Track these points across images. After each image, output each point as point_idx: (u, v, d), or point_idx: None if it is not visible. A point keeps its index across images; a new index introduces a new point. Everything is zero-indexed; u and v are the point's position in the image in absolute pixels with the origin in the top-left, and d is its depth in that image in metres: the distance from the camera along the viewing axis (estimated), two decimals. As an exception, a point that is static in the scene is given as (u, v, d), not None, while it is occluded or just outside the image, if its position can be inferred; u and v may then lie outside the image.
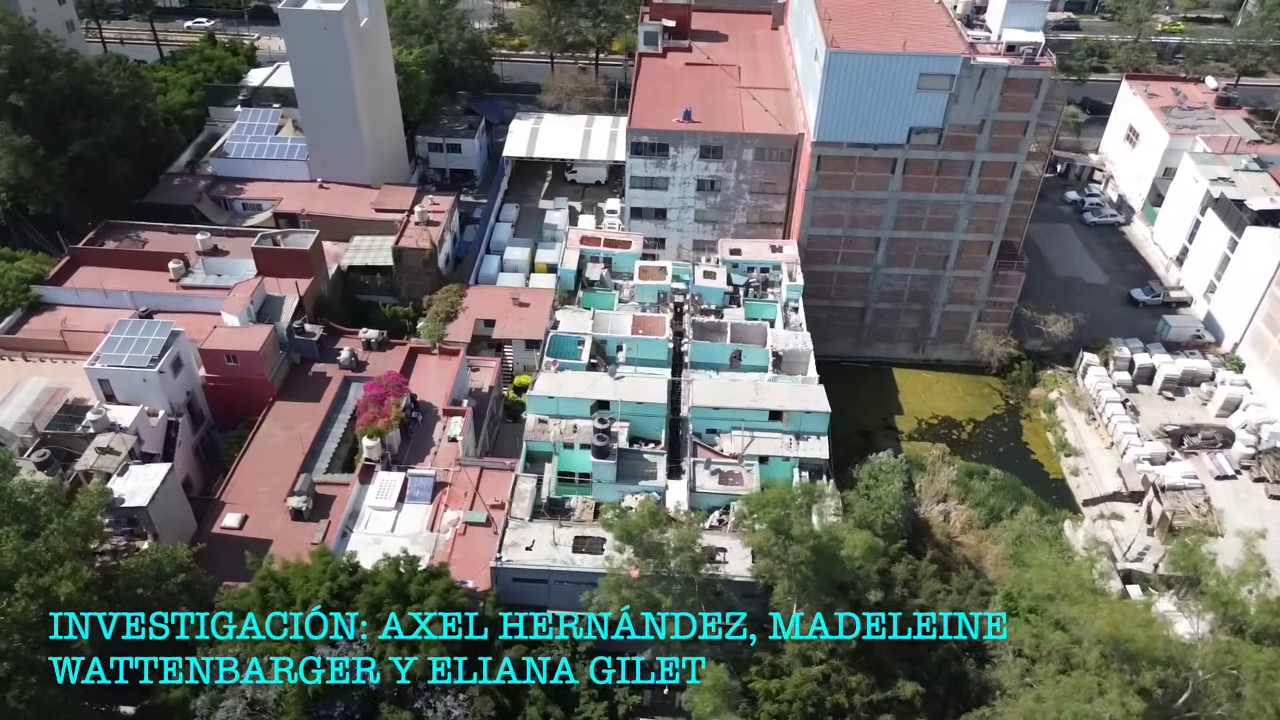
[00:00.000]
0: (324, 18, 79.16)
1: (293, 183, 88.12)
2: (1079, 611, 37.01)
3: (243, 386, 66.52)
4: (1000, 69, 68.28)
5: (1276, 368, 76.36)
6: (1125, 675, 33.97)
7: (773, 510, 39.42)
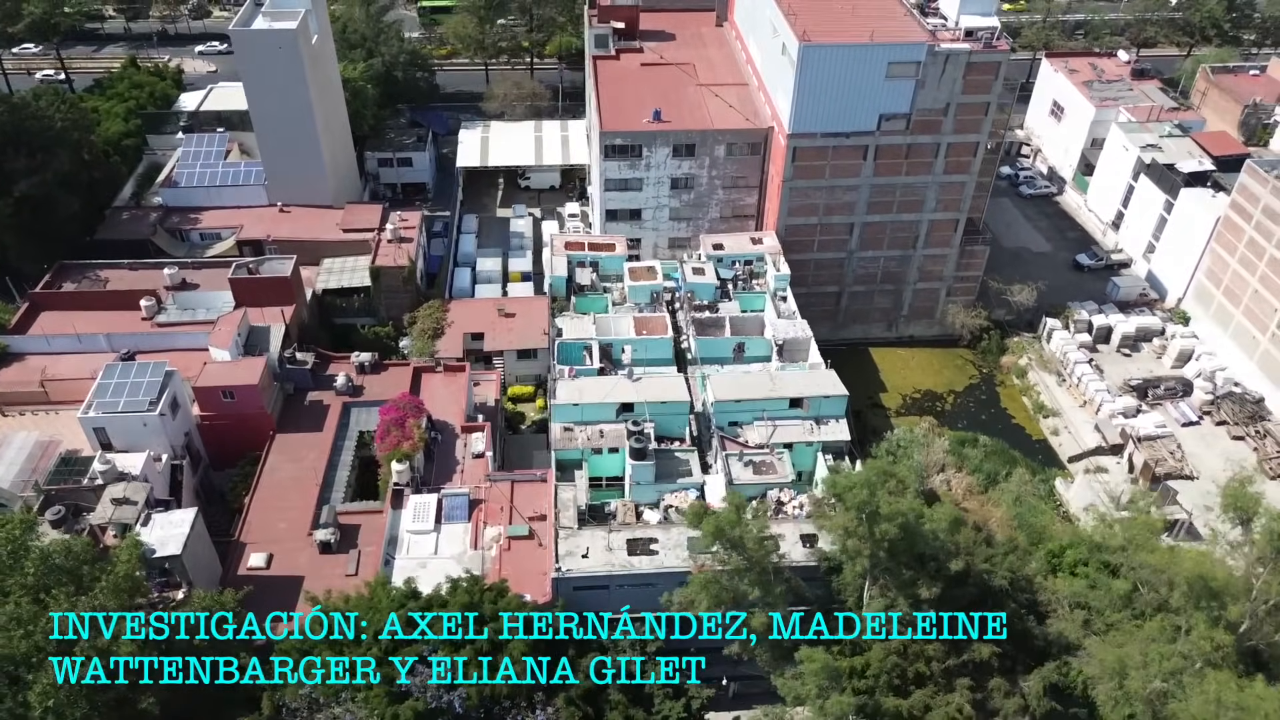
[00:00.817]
0: (278, 37, 76.98)
1: (251, 209, 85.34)
2: (1158, 558, 39.70)
3: (241, 422, 64.41)
4: (963, 54, 71.47)
5: (1222, 318, 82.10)
6: (1212, 611, 36.77)
7: (860, 492, 40.88)
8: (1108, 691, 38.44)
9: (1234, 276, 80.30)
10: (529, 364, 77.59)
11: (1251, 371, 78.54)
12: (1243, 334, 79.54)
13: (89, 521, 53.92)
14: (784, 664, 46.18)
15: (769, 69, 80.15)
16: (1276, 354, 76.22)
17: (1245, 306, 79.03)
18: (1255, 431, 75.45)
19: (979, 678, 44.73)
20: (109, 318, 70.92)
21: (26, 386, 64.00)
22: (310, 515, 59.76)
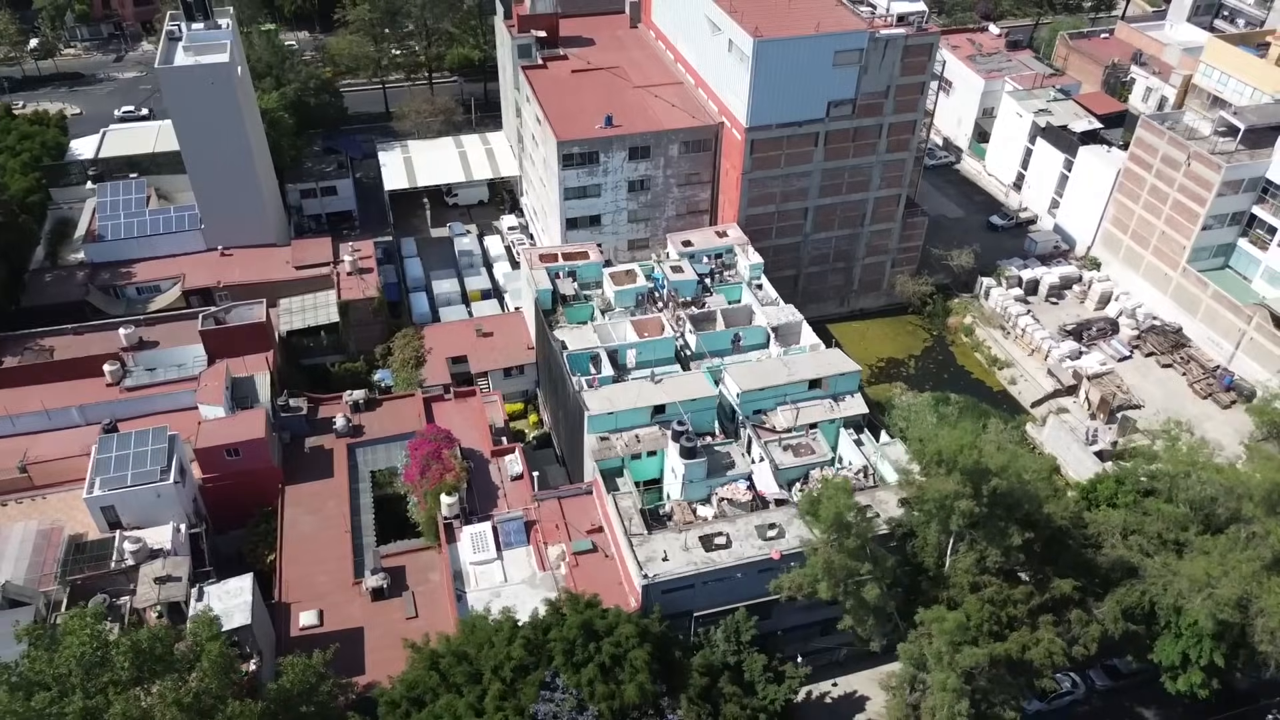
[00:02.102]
0: (210, 72, 72.98)
1: (188, 256, 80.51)
2: (1227, 475, 44.32)
3: (247, 480, 61.21)
4: (900, 39, 75.84)
5: (1132, 260, 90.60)
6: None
7: (970, 454, 43.58)
8: (1200, 601, 42.93)
9: (1140, 221, 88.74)
10: (516, 381, 77.08)
11: (1167, 305, 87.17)
12: (1154, 272, 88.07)
13: (130, 605, 50.36)
14: (880, 632, 48.65)
15: (710, 66, 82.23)
16: (1189, 286, 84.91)
17: (1154, 247, 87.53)
18: (1180, 358, 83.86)
19: (1059, 612, 48.55)
20: (71, 389, 65.65)
21: (5, 473, 58.46)
22: (349, 564, 57.83)
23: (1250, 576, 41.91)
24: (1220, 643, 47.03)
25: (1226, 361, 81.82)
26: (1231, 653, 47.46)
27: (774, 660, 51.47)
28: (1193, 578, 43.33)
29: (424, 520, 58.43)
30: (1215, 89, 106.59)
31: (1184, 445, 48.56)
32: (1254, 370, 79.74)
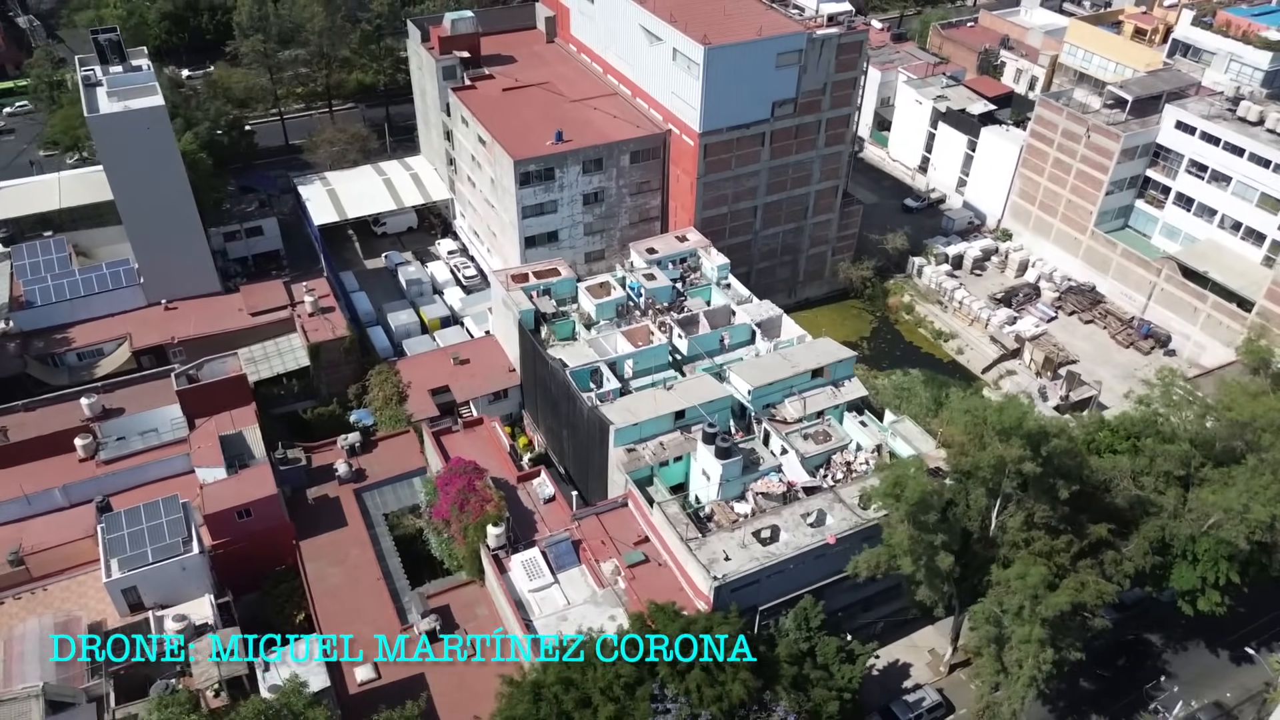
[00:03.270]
0: (147, 117, 68.77)
1: (129, 313, 75.32)
2: (1237, 411, 49.05)
3: (260, 541, 58.47)
4: (834, 38, 79.58)
5: (1041, 228, 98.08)
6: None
7: (1030, 422, 46.76)
8: (1234, 525, 47.75)
9: (1046, 192, 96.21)
10: (500, 406, 76.17)
11: (1079, 267, 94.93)
12: (1064, 237, 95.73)
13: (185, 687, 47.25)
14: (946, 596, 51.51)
15: (650, 76, 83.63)
16: (1098, 248, 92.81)
17: (1062, 215, 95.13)
18: (1099, 314, 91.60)
19: (1094, 555, 52.73)
20: (41, 469, 60.50)
21: (-4, 570, 53.46)
22: (391, 611, 56.17)
23: (1276, 498, 47.13)
24: (1234, 563, 52.40)
25: (1141, 312, 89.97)
26: (1243, 571, 52.92)
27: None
28: (1225, 506, 48.19)
29: (465, 555, 57.27)
30: (1080, 66, 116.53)
31: (1178, 390, 53.81)
32: (1166, 317, 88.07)
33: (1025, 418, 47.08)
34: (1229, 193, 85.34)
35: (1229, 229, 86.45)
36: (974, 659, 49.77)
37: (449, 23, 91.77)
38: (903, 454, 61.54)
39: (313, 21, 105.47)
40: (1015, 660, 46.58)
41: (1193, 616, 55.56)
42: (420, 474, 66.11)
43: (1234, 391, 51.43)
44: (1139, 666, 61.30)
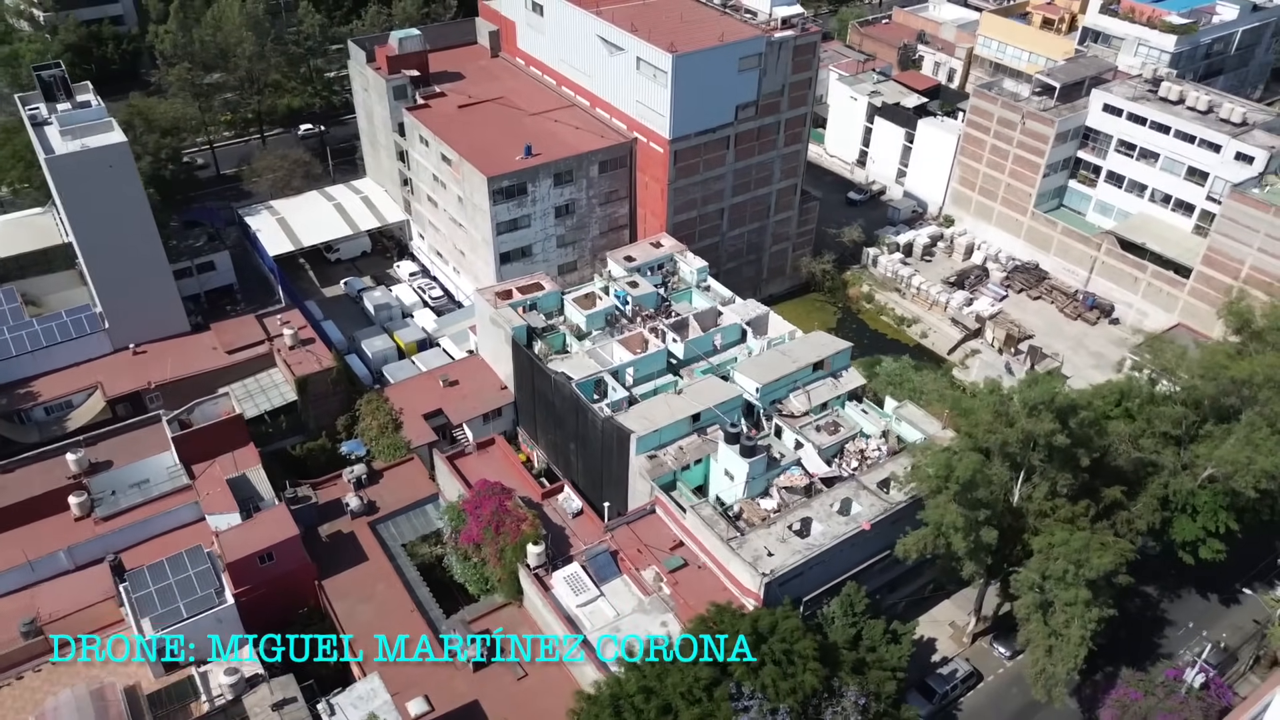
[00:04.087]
0: (109, 154, 65.59)
1: (95, 361, 71.56)
2: (1235, 370, 52.52)
3: (282, 584, 56.62)
4: (790, 40, 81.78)
5: (983, 212, 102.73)
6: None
7: (1063, 398, 49.25)
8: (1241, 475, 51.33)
9: (985, 178, 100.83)
10: (495, 425, 75.41)
11: (1022, 246, 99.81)
12: (1006, 220, 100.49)
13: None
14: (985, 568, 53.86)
15: (612, 86, 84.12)
16: (1039, 227, 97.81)
17: (1003, 198, 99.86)
18: (1045, 290, 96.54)
19: (1108, 516, 55.88)
20: (38, 532, 57.07)
21: (10, 644, 50.10)
22: (431, 641, 55.04)
23: (1277, 448, 50.97)
24: (1231, 512, 56.36)
25: (1084, 285, 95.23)
26: (1239, 518, 56.94)
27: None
28: (1231, 459, 51.82)
29: (503, 576, 56.64)
30: (995, 57, 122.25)
31: (1170, 355, 57.57)
32: (1109, 288, 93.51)
33: (1057, 394, 49.65)
34: (1157, 168, 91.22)
35: (1160, 202, 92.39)
36: (1022, 626, 52.01)
37: (396, 41, 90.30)
38: (910, 438, 63.95)
39: (242, 46, 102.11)
40: (1062, 622, 49.01)
41: (1179, 566, 59.17)
42: (433, 501, 65.09)
43: (1216, 354, 55.29)
44: (1141, 618, 65.07)
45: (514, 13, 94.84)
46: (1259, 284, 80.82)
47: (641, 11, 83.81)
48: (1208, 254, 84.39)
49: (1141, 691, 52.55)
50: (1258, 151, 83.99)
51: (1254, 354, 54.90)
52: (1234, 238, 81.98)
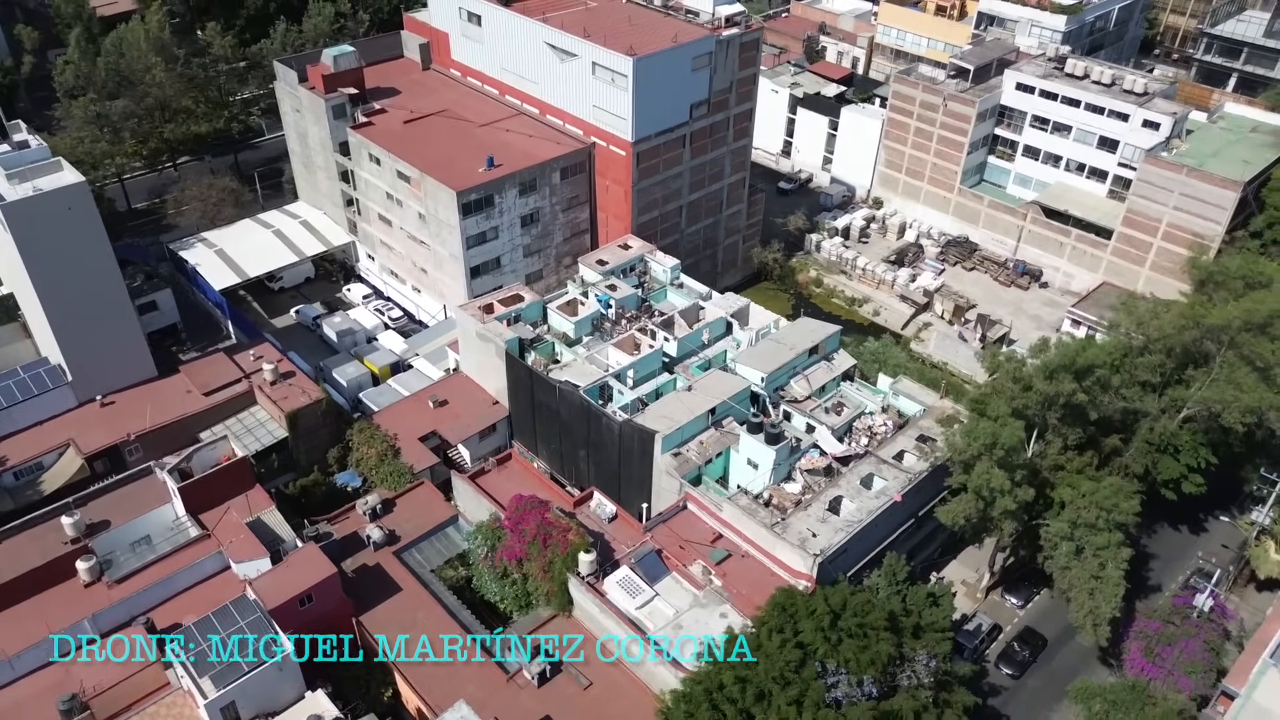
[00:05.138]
0: (68, 196, 61.53)
1: (60, 417, 66.99)
2: (1211, 319, 57.12)
3: (321, 625, 54.70)
4: (736, 38, 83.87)
5: (910, 192, 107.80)
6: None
7: (1085, 357, 52.65)
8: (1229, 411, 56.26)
9: (912, 159, 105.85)
10: (490, 441, 74.65)
11: (950, 222, 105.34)
12: (934, 198, 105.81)
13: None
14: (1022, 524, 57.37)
15: (564, 92, 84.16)
16: (967, 203, 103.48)
17: (929, 177, 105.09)
18: (978, 261, 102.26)
19: (1107, 463, 60.34)
20: (48, 603, 53.23)
21: None
22: (490, 664, 54.44)
23: (1258, 385, 56.16)
24: (1209, 449, 61.73)
25: (1013, 254, 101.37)
26: (1215, 453, 62.41)
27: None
28: (1220, 399, 56.77)
29: (554, 588, 56.36)
30: (896, 44, 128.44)
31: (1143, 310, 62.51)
32: (1036, 255, 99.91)
33: (1078, 356, 53.31)
34: (1071, 139, 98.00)
35: (1075, 171, 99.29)
36: (1059, 575, 55.46)
37: (330, 59, 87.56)
38: (909, 411, 67.15)
39: (152, 72, 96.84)
40: (1098, 565, 52.75)
41: (1151, 503, 64.02)
42: (453, 523, 64.09)
43: (1194, 305, 60.33)
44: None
45: (447, 24, 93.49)
46: (1176, 240, 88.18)
47: (587, 17, 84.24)
48: (1127, 215, 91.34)
49: (1160, 621, 57.00)
50: (1163, 118, 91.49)
51: (1219, 303, 60.24)
52: (1151, 199, 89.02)
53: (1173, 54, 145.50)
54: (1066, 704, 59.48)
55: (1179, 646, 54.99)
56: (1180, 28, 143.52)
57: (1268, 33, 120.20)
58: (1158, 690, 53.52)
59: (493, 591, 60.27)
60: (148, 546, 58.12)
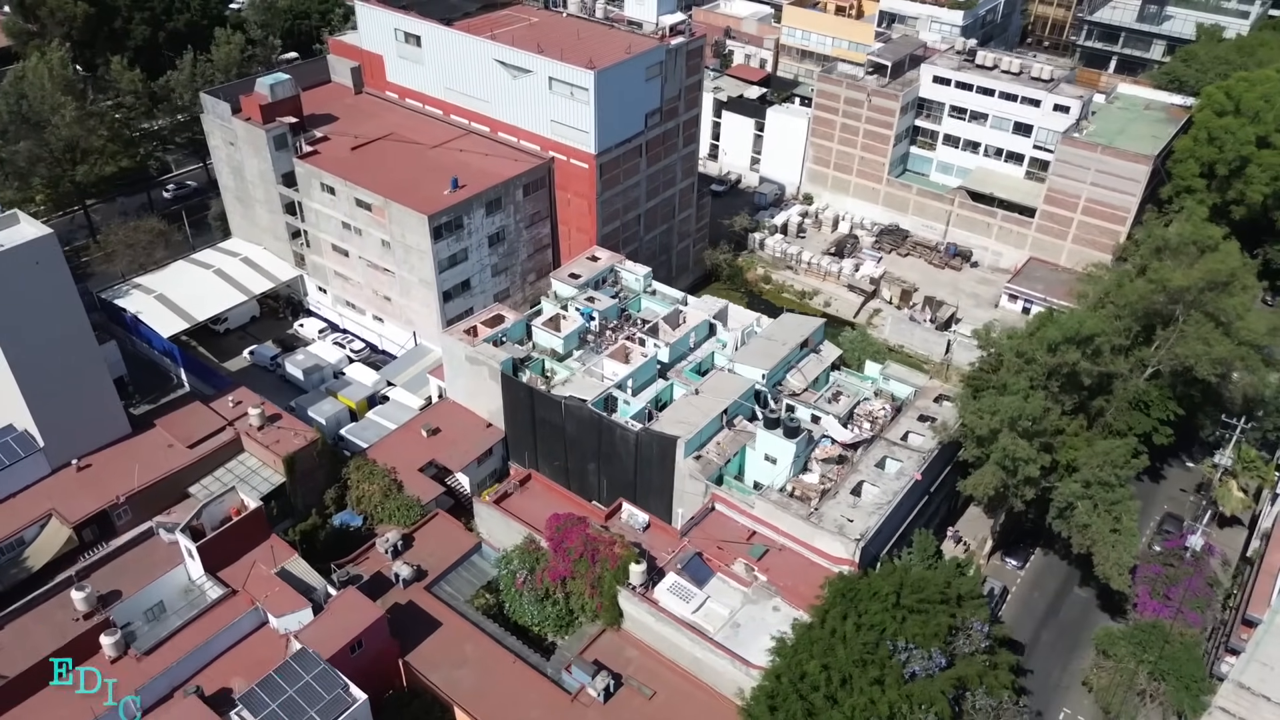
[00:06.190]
0: (35, 250, 57.40)
1: (33, 487, 62.30)
2: (1174, 282, 62.11)
3: (371, 669, 53.12)
4: (684, 46, 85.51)
5: (839, 186, 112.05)
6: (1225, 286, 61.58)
7: (1090, 325, 56.34)
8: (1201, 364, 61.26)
9: (839, 154, 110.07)
10: (488, 465, 73.82)
11: (880, 212, 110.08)
12: (863, 190, 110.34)
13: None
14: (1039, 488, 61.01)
15: (517, 108, 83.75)
16: (895, 192, 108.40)
17: (858, 170, 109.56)
18: (911, 246, 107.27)
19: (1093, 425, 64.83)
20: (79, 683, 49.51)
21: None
22: (548, 686, 54.16)
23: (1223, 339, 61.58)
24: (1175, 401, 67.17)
25: (943, 238, 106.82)
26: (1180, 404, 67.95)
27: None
28: (1192, 353, 61.82)
29: (604, 602, 56.28)
30: (801, 45, 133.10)
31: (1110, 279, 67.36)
32: (965, 237, 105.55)
33: (1080, 327, 57.15)
34: (988, 126, 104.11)
35: (993, 156, 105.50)
36: (1078, 532, 59.14)
37: (267, 89, 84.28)
38: (901, 394, 70.15)
39: (61, 113, 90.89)
40: (1112, 519, 56.74)
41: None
42: (477, 551, 63.12)
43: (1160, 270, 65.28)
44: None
45: (380, 46, 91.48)
46: (1095, 213, 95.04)
47: (535, 33, 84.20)
48: (1049, 193, 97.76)
49: (1160, 564, 61.67)
50: (1072, 102, 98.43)
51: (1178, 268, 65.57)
52: (1069, 177, 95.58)
53: (1044, 41, 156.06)
54: (1080, 653, 63.65)
55: (1183, 585, 59.63)
56: (1050, 17, 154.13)
57: (1140, 17, 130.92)
58: (1171, 627, 57.91)
59: (531, 615, 59.68)
60: (163, 612, 54.88)
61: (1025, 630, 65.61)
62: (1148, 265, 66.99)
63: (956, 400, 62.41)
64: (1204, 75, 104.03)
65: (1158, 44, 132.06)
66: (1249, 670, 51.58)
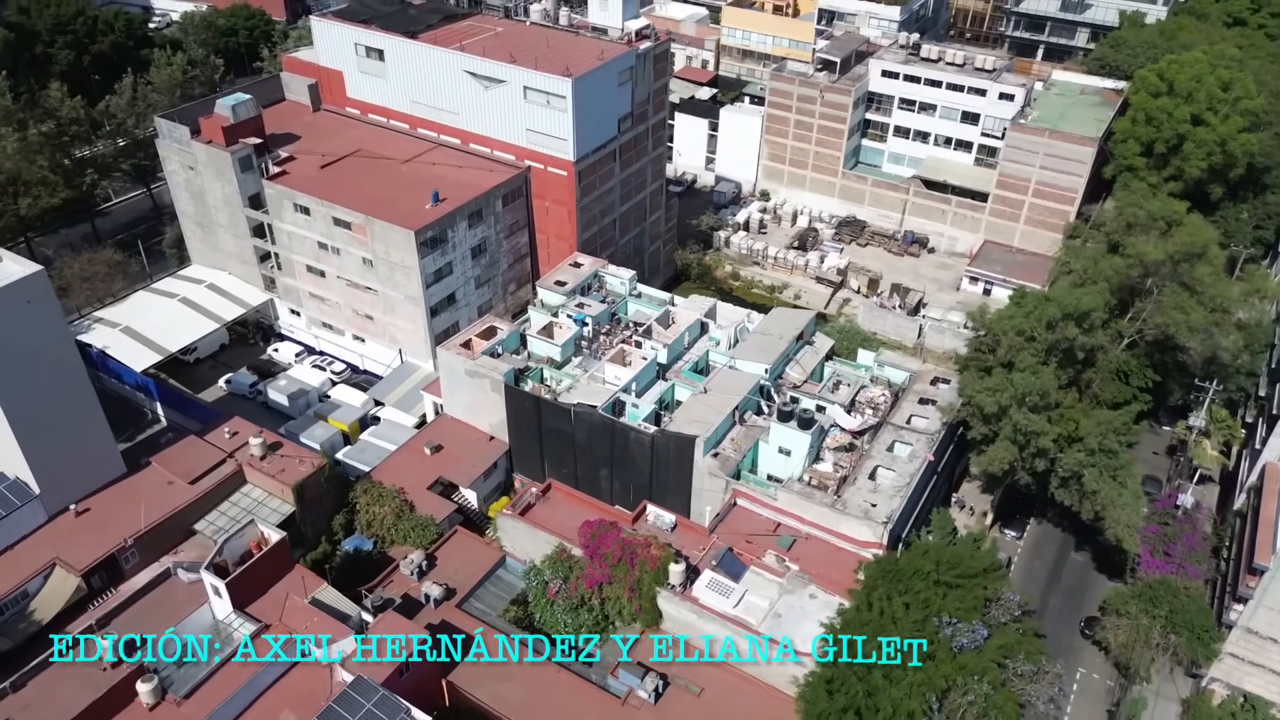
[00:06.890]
0: (27, 288, 54.82)
1: (31, 537, 59.48)
2: (1149, 254, 65.39)
3: (417, 691, 52.46)
4: (651, 50, 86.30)
5: (795, 181, 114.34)
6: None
7: (1089, 301, 58.88)
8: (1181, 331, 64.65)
9: (794, 150, 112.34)
10: (494, 478, 73.35)
11: (837, 204, 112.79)
12: (819, 184, 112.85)
13: None
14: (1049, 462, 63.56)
15: (490, 119, 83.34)
16: (851, 184, 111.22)
17: (813, 165, 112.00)
18: (870, 236, 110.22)
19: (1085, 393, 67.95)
20: (116, 738, 47.65)
21: None
22: (597, 694, 54.30)
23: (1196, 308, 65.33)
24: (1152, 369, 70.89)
25: (900, 226, 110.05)
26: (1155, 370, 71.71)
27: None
28: (1172, 320, 65.28)
29: (644, 604, 56.60)
30: (742, 44, 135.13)
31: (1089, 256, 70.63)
32: (921, 224, 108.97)
33: (1079, 303, 59.83)
34: (937, 117, 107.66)
35: (943, 145, 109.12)
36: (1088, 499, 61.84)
37: (229, 109, 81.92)
38: (896, 380, 72.30)
39: (2, 144, 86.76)
40: (1119, 483, 59.66)
41: None
42: (502, 564, 62.75)
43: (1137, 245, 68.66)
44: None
45: (339, 62, 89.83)
46: (1045, 195, 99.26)
47: (504, 42, 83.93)
48: (1000, 179, 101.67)
49: (1158, 524, 64.98)
50: (1016, 90, 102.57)
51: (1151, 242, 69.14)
52: (1019, 162, 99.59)
53: (965, 34, 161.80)
54: (1086, 614, 66.60)
55: (1181, 541, 62.99)
56: (970, 9, 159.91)
57: (1063, 6, 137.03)
58: (1176, 582, 61.18)
59: (564, 624, 59.61)
60: (189, 654, 53.07)
61: (1033, 597, 68.26)
62: (1119, 242, 70.35)
63: (960, 381, 64.60)
64: (1134, 59, 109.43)
65: (1081, 31, 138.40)
66: (1257, 615, 54.98)
